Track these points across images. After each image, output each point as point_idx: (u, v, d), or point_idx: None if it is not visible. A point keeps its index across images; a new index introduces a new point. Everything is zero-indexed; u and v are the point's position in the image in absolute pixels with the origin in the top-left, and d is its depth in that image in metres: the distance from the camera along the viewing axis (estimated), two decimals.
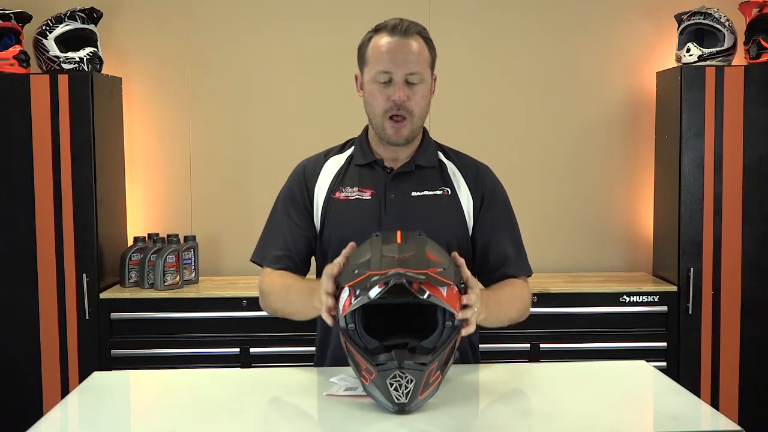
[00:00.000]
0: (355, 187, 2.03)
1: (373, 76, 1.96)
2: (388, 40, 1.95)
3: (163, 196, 3.84)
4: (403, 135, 1.97)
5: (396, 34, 1.95)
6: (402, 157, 2.04)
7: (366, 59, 1.99)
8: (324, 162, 2.09)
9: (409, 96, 1.94)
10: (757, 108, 3.45)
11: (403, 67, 1.93)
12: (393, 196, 2.00)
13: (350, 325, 1.64)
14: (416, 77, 1.94)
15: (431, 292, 1.60)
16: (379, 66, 1.94)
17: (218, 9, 3.80)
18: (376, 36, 1.98)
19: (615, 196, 3.89)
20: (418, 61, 1.95)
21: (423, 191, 2.02)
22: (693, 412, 1.69)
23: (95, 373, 1.98)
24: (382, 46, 1.95)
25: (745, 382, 3.48)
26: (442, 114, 3.74)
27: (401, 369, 1.56)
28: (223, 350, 3.40)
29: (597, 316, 3.48)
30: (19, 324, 3.38)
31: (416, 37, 1.97)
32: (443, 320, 1.64)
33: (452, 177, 2.05)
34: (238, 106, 3.83)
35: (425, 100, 1.98)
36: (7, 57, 3.38)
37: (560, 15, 3.85)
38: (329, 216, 2.02)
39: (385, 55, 1.94)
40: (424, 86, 1.97)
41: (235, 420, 1.65)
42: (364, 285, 1.61)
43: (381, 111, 1.96)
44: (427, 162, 2.05)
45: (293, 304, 1.94)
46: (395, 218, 1.97)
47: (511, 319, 1.99)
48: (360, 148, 2.07)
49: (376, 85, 1.96)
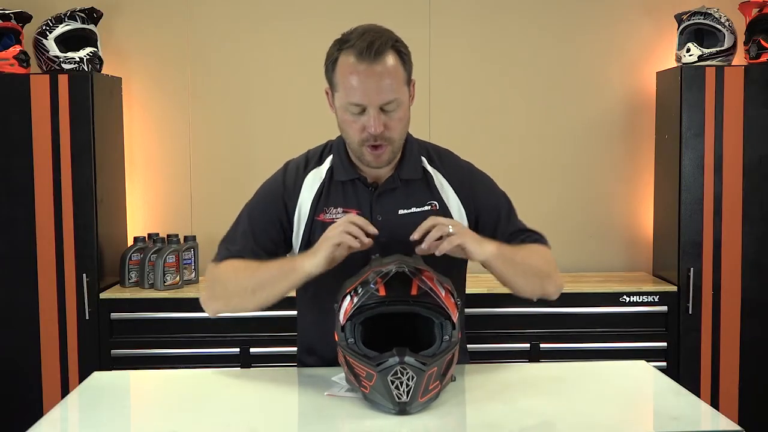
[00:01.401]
0: (339, 207, 1.91)
1: (344, 106, 1.82)
2: (356, 67, 1.77)
3: (163, 196, 3.84)
4: (383, 160, 1.86)
5: (365, 59, 1.76)
6: (385, 170, 1.92)
7: (334, 83, 1.83)
8: (303, 177, 1.96)
9: (386, 124, 1.80)
10: (757, 108, 3.45)
11: (377, 97, 1.77)
12: (380, 217, 1.89)
13: (350, 339, 1.64)
14: (392, 105, 1.79)
15: (432, 286, 1.62)
16: (351, 98, 1.79)
17: (218, 9, 3.80)
18: (343, 56, 1.80)
19: (615, 196, 3.89)
20: (393, 86, 1.79)
21: (410, 208, 1.91)
22: (693, 412, 1.69)
23: (95, 373, 1.98)
24: (351, 76, 1.78)
25: (745, 382, 3.48)
26: (442, 114, 3.75)
27: (402, 365, 1.56)
28: (223, 350, 3.40)
29: (597, 316, 3.47)
30: (19, 324, 3.38)
31: (388, 55, 1.78)
32: (441, 335, 1.64)
33: (440, 189, 1.95)
34: (238, 106, 3.83)
35: (403, 122, 1.84)
36: (7, 57, 3.38)
37: (560, 15, 3.85)
38: (313, 239, 1.86)
39: (356, 87, 1.77)
40: (401, 109, 1.82)
41: (235, 420, 1.65)
42: (366, 281, 1.62)
43: (357, 141, 1.83)
44: (412, 174, 1.93)
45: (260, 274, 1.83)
46: (383, 240, 1.82)
47: (535, 268, 1.91)
48: (339, 160, 1.94)
49: (348, 114, 1.82)
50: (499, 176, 2.12)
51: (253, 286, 1.86)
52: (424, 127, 3.55)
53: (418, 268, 1.64)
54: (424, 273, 1.64)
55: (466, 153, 2.12)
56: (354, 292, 1.65)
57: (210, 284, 1.96)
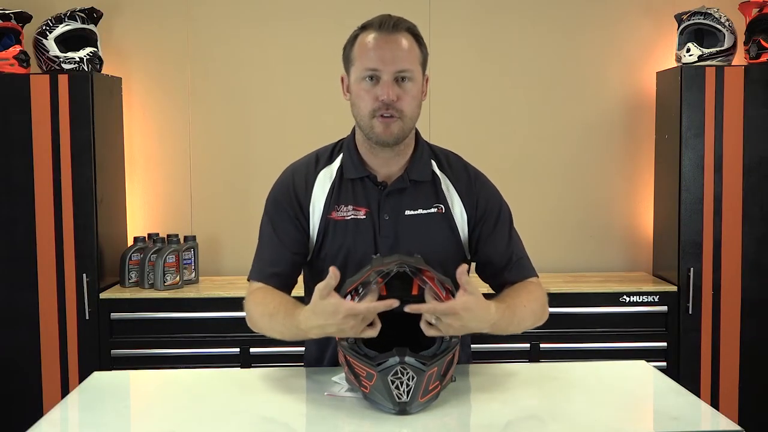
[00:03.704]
0: (350, 205, 1.93)
1: (359, 75, 1.85)
2: (375, 36, 1.84)
3: (163, 196, 3.84)
4: (392, 132, 1.85)
5: (383, 30, 1.84)
6: (395, 169, 1.95)
7: (352, 58, 1.88)
8: (315, 176, 1.97)
9: (399, 95, 1.83)
10: (757, 108, 3.45)
11: (392, 64, 1.82)
12: (387, 216, 1.91)
13: (350, 339, 1.64)
14: (406, 74, 1.83)
15: (433, 286, 1.62)
16: (366, 63, 1.83)
17: (218, 9, 3.80)
18: (362, 34, 1.87)
19: (615, 196, 3.90)
20: (408, 58, 1.84)
21: (417, 210, 1.93)
22: (693, 412, 1.69)
23: (95, 373, 1.98)
24: (368, 43, 1.84)
25: (745, 382, 3.48)
26: (442, 114, 3.75)
27: (403, 365, 1.56)
28: (223, 350, 3.40)
29: (597, 316, 3.48)
30: (19, 324, 3.38)
31: (406, 33, 1.86)
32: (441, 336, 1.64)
33: (446, 192, 1.97)
34: (238, 106, 3.83)
35: (416, 101, 1.87)
36: (7, 57, 3.38)
37: (560, 15, 3.85)
38: (327, 237, 1.92)
39: (371, 52, 1.83)
40: (414, 85, 1.85)
41: (234, 420, 1.65)
42: (367, 280, 1.62)
43: (368, 111, 1.85)
44: (421, 176, 1.95)
45: (281, 327, 1.83)
46: (389, 239, 1.89)
47: (531, 318, 1.89)
48: (349, 157, 1.96)
49: (363, 84, 1.85)
50: (498, 176, 2.13)
51: (273, 332, 1.87)
52: (425, 127, 3.55)
53: (419, 267, 1.64)
54: (425, 273, 1.64)
55: (466, 153, 2.11)
56: (355, 291, 1.65)
57: (246, 308, 1.95)
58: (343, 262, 1.88)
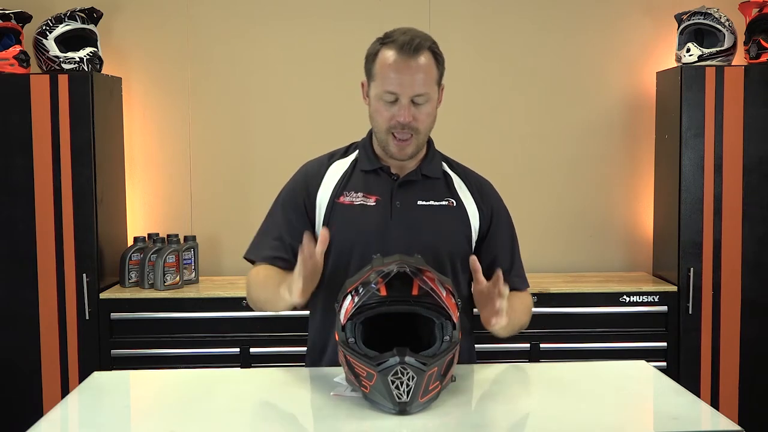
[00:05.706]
0: (360, 192, 2.00)
1: (379, 94, 1.93)
2: (396, 58, 1.90)
3: (163, 196, 3.84)
4: (407, 153, 1.97)
5: (404, 53, 1.90)
6: (408, 166, 2.03)
7: (373, 74, 1.95)
8: (328, 165, 2.06)
9: (414, 116, 1.92)
10: (757, 108, 3.45)
11: (410, 89, 1.90)
12: (399, 203, 1.99)
13: (350, 339, 1.64)
14: (422, 98, 1.92)
15: (433, 286, 1.62)
16: (386, 86, 1.91)
17: (218, 9, 3.80)
18: (384, 50, 1.93)
19: (615, 196, 3.90)
20: (426, 81, 1.92)
21: (429, 201, 2.01)
22: (693, 412, 1.69)
23: (95, 373, 1.98)
24: (390, 66, 1.91)
25: (745, 382, 3.48)
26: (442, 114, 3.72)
27: (403, 365, 1.56)
28: (223, 350, 3.40)
29: (597, 316, 3.48)
30: (19, 324, 3.38)
31: (426, 53, 1.92)
32: (441, 336, 1.65)
33: (458, 189, 2.05)
34: (238, 106, 3.83)
35: (431, 117, 1.97)
36: (7, 57, 3.38)
37: (560, 15, 3.85)
38: (333, 220, 1.99)
39: (392, 76, 1.90)
40: (430, 104, 1.95)
41: (234, 420, 1.65)
42: (367, 280, 1.62)
43: (385, 128, 1.95)
44: (433, 172, 2.04)
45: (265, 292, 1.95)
46: (401, 226, 1.96)
47: (522, 328, 2.04)
48: (365, 153, 2.05)
49: (381, 103, 1.93)
50: (498, 176, 2.13)
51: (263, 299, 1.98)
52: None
53: (420, 268, 1.64)
54: (425, 273, 1.65)
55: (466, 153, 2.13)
56: (355, 291, 1.65)
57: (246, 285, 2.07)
58: (348, 246, 1.94)
